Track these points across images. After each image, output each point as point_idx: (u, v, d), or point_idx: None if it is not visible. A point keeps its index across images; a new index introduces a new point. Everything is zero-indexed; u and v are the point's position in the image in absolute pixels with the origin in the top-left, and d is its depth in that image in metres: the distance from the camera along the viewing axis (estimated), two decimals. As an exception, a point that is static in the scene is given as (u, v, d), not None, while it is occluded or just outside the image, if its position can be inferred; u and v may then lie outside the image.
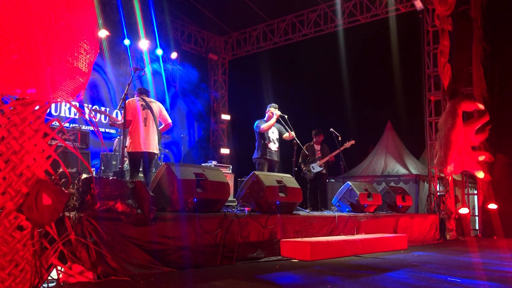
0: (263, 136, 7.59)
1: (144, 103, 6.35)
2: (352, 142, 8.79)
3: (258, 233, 5.30)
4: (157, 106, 6.51)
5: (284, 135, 7.78)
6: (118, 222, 3.97)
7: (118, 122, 6.97)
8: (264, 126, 7.56)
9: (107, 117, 10.73)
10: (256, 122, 7.69)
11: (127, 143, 6.25)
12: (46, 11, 3.22)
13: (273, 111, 7.65)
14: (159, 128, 6.52)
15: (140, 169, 6.49)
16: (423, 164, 13.00)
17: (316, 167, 8.76)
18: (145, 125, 6.24)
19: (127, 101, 6.22)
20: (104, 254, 3.74)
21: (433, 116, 10.50)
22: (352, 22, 11.88)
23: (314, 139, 9.01)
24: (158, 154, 7.30)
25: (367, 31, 12.23)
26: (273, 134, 7.71)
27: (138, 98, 6.42)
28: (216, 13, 13.04)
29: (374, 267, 4.97)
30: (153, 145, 6.32)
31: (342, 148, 8.79)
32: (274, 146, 7.66)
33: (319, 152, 8.94)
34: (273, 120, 7.57)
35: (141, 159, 6.27)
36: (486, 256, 6.41)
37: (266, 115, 7.75)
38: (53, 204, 3.34)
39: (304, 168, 8.88)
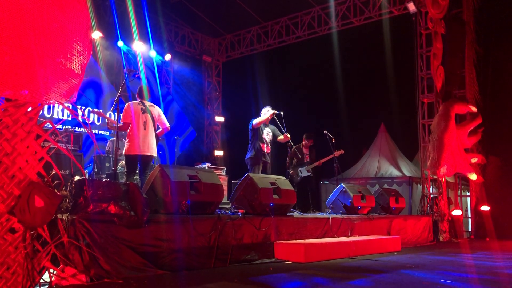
0: (258, 136, 7.55)
1: (144, 107, 6.38)
2: (342, 151, 8.83)
3: (252, 235, 5.30)
4: (156, 110, 6.55)
5: (278, 137, 7.78)
6: (111, 225, 3.95)
7: (116, 125, 6.93)
8: (256, 120, 7.51)
9: (101, 119, 10.74)
10: (251, 120, 7.66)
11: (125, 146, 6.27)
12: (38, 12, 3.21)
13: (268, 110, 7.64)
14: (156, 132, 6.55)
15: (136, 171, 6.49)
16: (416, 166, 13.07)
17: (304, 172, 8.76)
18: (145, 129, 6.29)
19: (126, 104, 6.29)
20: (97, 256, 3.72)
21: (426, 119, 10.55)
22: (346, 25, 11.93)
23: (304, 143, 9.01)
24: (157, 159, 7.28)
25: (361, 33, 12.29)
26: (268, 135, 7.70)
27: (138, 101, 6.45)
28: (210, 15, 13.04)
29: (368, 269, 4.98)
30: (152, 148, 6.38)
31: (330, 156, 8.83)
32: (267, 148, 7.66)
33: (307, 156, 8.94)
34: (266, 116, 7.53)
35: (138, 162, 6.29)
36: (479, 258, 6.44)
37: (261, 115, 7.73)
38: (45, 206, 3.32)
39: (291, 171, 8.88)
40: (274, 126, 7.82)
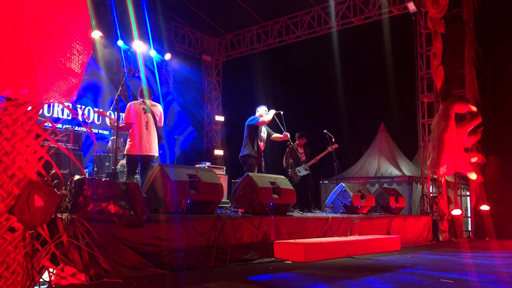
0: (256, 134, 7.51)
1: (145, 107, 6.39)
2: (336, 145, 8.81)
3: (251, 235, 5.30)
4: (157, 110, 6.56)
5: (272, 136, 7.77)
6: (111, 224, 3.95)
7: (120, 125, 6.92)
8: (262, 119, 7.44)
9: (101, 118, 10.73)
10: (251, 117, 7.60)
11: (127, 145, 6.27)
12: (38, 11, 3.21)
13: (266, 110, 7.62)
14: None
15: (137, 170, 6.49)
16: (416, 166, 13.07)
17: (302, 171, 8.75)
18: (147, 129, 6.31)
19: (128, 104, 6.32)
20: (96, 256, 3.72)
21: (426, 118, 10.55)
22: (346, 24, 11.92)
23: (297, 142, 9.00)
24: (157, 158, 7.29)
25: (361, 33, 12.28)
26: (264, 134, 7.71)
27: (140, 101, 6.46)
28: (210, 14, 13.03)
29: (367, 268, 4.98)
30: (154, 148, 6.40)
31: (325, 152, 8.81)
32: (262, 146, 7.65)
33: (303, 155, 8.94)
34: (270, 115, 7.50)
35: (139, 161, 6.30)
36: (478, 257, 6.44)
37: (257, 116, 7.68)
38: (45, 205, 3.32)
39: (290, 171, 8.87)
40: (274, 125, 7.81)
